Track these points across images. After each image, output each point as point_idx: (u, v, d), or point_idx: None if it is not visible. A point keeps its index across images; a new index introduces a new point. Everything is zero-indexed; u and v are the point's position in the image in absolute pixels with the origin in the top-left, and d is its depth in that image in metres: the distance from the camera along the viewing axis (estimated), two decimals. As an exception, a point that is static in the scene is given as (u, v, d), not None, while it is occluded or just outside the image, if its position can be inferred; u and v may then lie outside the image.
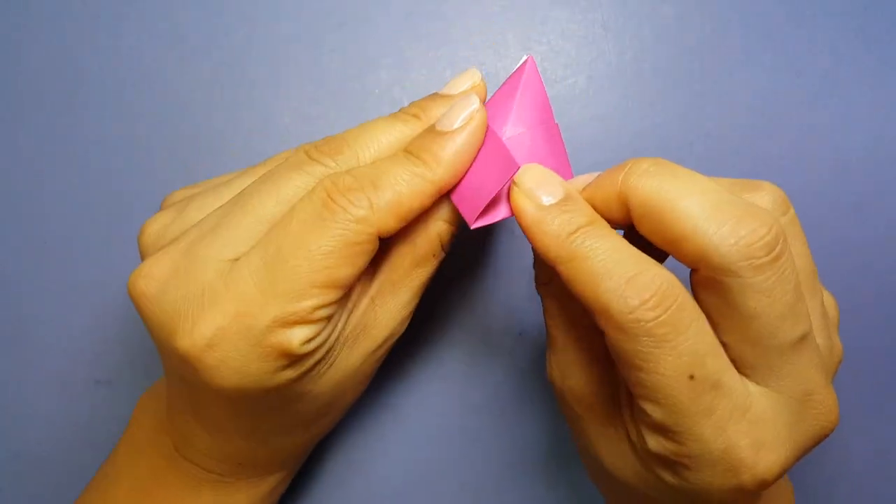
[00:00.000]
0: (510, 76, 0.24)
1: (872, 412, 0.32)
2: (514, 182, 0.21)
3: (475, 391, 0.32)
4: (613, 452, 0.22)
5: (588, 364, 0.22)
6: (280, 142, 0.32)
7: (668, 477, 0.20)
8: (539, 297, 0.24)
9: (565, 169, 0.23)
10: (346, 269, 0.20)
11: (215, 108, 0.32)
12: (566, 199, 0.20)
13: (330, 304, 0.20)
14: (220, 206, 0.22)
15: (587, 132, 0.32)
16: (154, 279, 0.21)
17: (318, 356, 0.21)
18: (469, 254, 0.31)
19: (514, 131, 0.22)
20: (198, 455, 0.25)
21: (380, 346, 0.24)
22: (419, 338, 0.31)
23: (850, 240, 0.32)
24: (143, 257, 0.23)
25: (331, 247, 0.20)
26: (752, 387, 0.19)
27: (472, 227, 0.22)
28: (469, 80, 0.23)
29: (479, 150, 0.22)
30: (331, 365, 0.23)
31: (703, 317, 0.19)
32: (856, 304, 0.31)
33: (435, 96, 0.24)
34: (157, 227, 0.23)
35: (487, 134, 0.22)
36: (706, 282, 0.19)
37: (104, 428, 0.31)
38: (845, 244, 0.32)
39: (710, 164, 0.32)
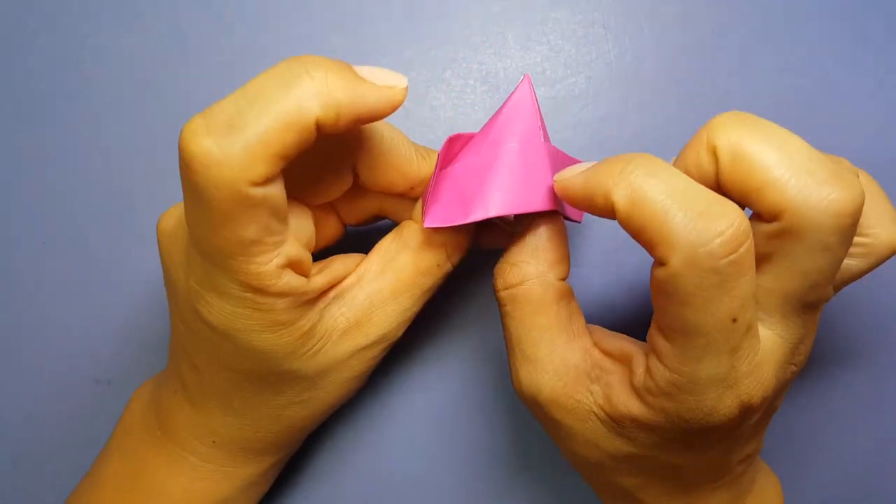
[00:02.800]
0: (508, 99, 0.24)
1: (871, 412, 0.32)
2: (555, 182, 0.22)
3: (474, 390, 0.32)
4: (602, 436, 0.22)
5: (563, 368, 0.22)
6: (280, 142, 0.32)
7: (662, 416, 0.20)
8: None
9: (543, 186, 0.23)
10: (247, 228, 0.19)
11: (215, 108, 0.32)
12: (605, 159, 0.21)
13: (267, 253, 0.20)
14: None
15: (587, 132, 0.32)
16: (170, 219, 0.23)
17: (304, 320, 0.22)
18: (469, 253, 0.31)
19: (496, 148, 0.23)
20: (179, 432, 0.25)
21: (371, 346, 0.24)
22: (416, 336, 0.31)
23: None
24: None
25: (213, 220, 0.19)
26: (762, 330, 0.20)
27: (425, 225, 0.23)
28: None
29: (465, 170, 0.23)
30: (318, 350, 0.23)
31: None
32: (856, 303, 0.32)
33: None
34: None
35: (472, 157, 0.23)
36: (776, 232, 0.19)
37: (104, 428, 0.31)
38: (845, 244, 0.32)
39: (710, 164, 0.32)
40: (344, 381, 0.25)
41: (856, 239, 0.23)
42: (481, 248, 0.27)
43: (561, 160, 0.25)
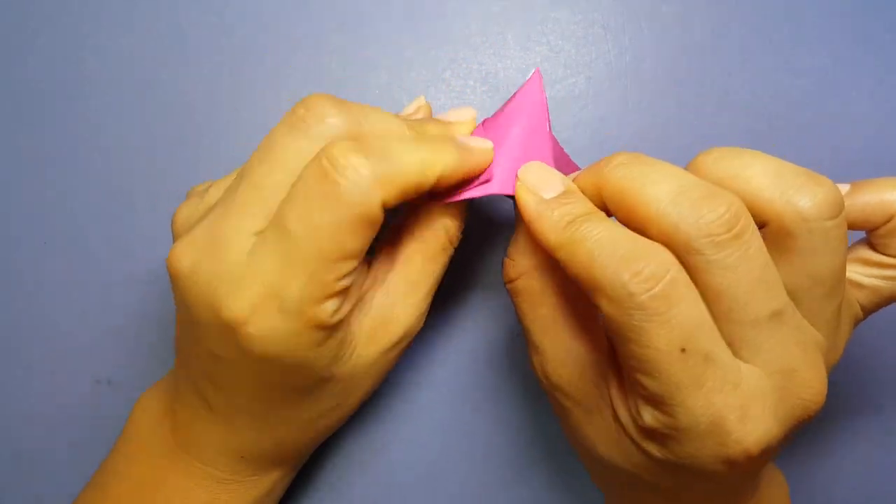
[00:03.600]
0: (518, 89, 0.25)
1: (871, 412, 0.32)
2: (517, 177, 0.23)
3: (474, 391, 0.32)
4: (602, 438, 0.22)
5: (569, 359, 0.23)
6: (280, 142, 0.32)
7: (656, 451, 0.20)
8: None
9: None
10: (356, 241, 0.20)
11: (215, 108, 0.32)
12: (566, 194, 0.21)
13: (347, 274, 0.21)
14: (232, 181, 0.23)
15: (587, 132, 0.32)
16: (185, 259, 0.22)
17: (343, 329, 0.22)
18: (468, 255, 0.31)
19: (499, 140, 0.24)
20: (200, 449, 0.25)
21: (397, 343, 0.24)
22: (417, 338, 0.31)
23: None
24: (175, 241, 0.24)
25: (336, 223, 0.20)
26: (742, 364, 0.20)
27: (443, 203, 0.23)
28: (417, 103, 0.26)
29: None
30: (351, 354, 0.23)
31: (695, 292, 0.19)
32: (856, 304, 0.32)
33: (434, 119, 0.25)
34: (185, 211, 0.24)
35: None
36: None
37: (104, 428, 0.31)
38: (845, 244, 0.32)
39: (710, 164, 0.31)
40: (372, 381, 0.25)
41: (885, 260, 0.23)
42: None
43: (564, 158, 0.25)
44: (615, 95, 0.32)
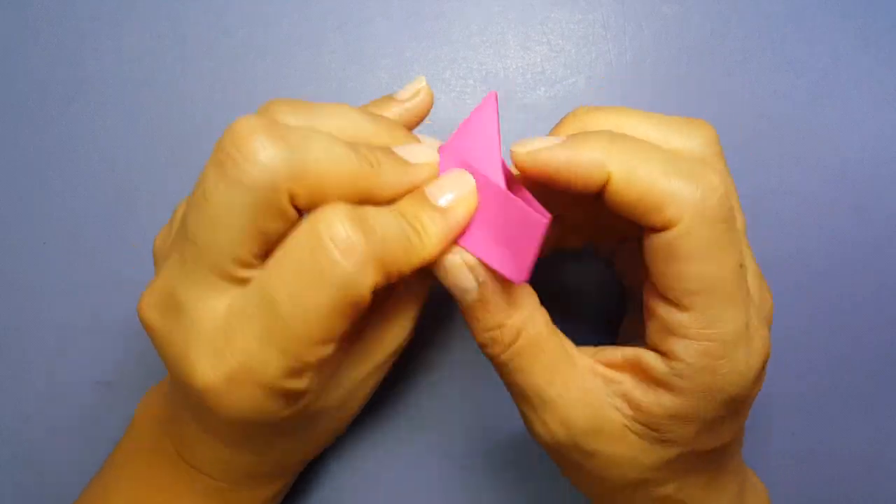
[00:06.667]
0: (473, 111, 0.22)
1: (870, 411, 0.32)
2: (520, 153, 0.21)
3: (475, 392, 0.32)
4: (628, 456, 0.22)
5: (582, 396, 0.22)
6: (280, 142, 0.32)
7: (686, 388, 0.20)
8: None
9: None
10: (344, 325, 0.20)
11: (215, 108, 0.32)
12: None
13: (330, 354, 0.20)
14: (179, 226, 0.21)
15: (587, 132, 0.32)
16: (155, 311, 0.21)
17: (321, 386, 0.22)
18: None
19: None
20: (201, 461, 0.25)
21: (388, 359, 0.24)
22: (418, 341, 0.31)
23: (850, 240, 0.32)
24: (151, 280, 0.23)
25: (328, 308, 0.19)
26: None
27: (519, 282, 0.21)
28: (416, 85, 0.24)
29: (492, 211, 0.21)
30: (337, 385, 0.23)
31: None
32: (856, 304, 0.31)
33: (388, 99, 0.24)
34: (160, 237, 0.24)
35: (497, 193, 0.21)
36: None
37: (104, 429, 0.31)
38: (845, 244, 0.32)
39: (710, 164, 0.31)
40: (366, 394, 0.25)
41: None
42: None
43: (511, 181, 0.23)
44: (615, 95, 0.32)
